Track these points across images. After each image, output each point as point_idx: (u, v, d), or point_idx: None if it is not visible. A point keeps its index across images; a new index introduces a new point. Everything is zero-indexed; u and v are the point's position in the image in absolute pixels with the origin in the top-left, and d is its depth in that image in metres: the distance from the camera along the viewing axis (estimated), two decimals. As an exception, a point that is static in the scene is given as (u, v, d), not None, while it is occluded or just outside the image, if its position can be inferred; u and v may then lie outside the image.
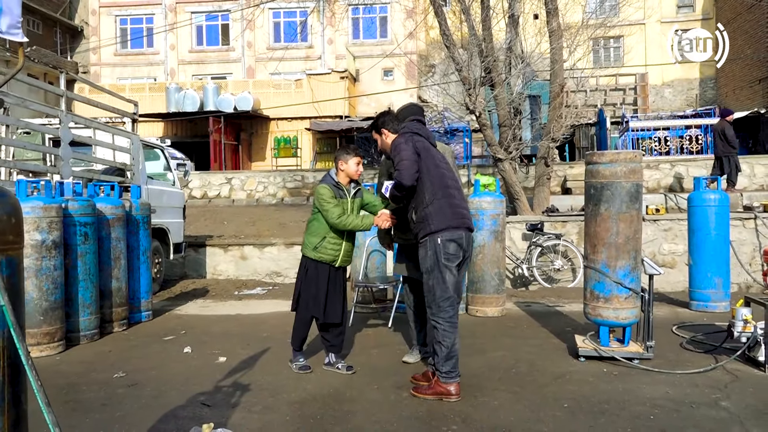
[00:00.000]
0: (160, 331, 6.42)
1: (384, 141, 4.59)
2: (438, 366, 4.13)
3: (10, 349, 1.64)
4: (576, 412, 3.82)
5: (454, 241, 4.14)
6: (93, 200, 6.16)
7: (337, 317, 4.75)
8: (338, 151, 4.83)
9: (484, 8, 10.30)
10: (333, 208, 4.58)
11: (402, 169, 4.10)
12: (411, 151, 4.16)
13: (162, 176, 9.86)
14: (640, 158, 4.97)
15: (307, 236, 4.78)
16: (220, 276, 10.87)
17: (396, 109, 4.92)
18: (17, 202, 1.71)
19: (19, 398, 1.70)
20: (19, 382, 1.71)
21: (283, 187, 17.72)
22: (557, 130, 10.52)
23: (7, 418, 1.62)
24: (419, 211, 4.19)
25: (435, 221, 4.12)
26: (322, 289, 4.67)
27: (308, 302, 4.70)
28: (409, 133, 4.34)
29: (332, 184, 4.68)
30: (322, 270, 4.71)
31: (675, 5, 27.58)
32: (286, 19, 29.46)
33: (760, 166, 14.56)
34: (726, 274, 7.18)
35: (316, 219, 4.74)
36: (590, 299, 4.98)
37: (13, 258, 1.63)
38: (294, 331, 4.83)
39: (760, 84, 22.83)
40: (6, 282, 1.56)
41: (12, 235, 1.64)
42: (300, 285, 4.76)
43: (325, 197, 4.60)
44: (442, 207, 4.15)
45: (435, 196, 4.16)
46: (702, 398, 4.04)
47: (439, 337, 4.11)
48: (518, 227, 9.98)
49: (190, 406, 4.04)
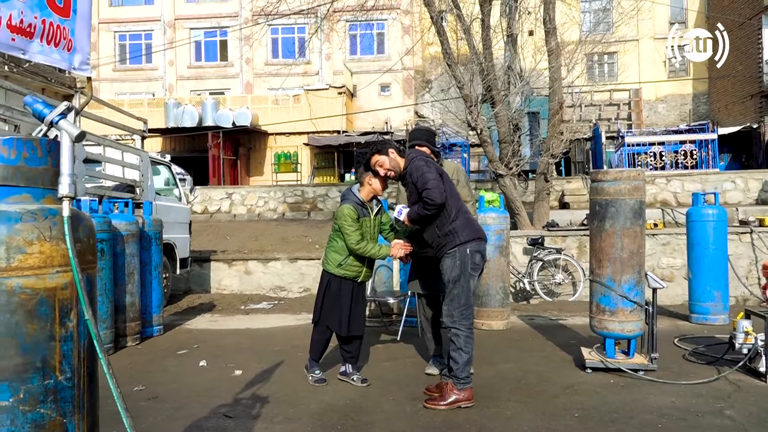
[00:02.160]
0: (173, 345, 6.54)
1: (393, 160, 4.61)
2: (457, 373, 4.28)
3: (87, 359, 1.79)
4: (587, 422, 3.97)
5: (479, 252, 4.42)
6: (108, 217, 6.30)
7: (361, 330, 4.90)
8: (362, 167, 4.86)
9: (484, 28, 10.54)
10: (354, 232, 4.65)
11: (432, 188, 4.24)
12: (435, 173, 4.36)
13: (168, 192, 10.01)
14: (643, 176, 5.16)
15: (331, 253, 4.85)
16: (225, 291, 10.99)
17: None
18: (93, 224, 1.87)
19: (94, 405, 1.84)
20: (94, 390, 1.86)
21: (283, 202, 17.87)
22: (557, 146, 10.74)
23: (86, 423, 1.77)
24: (445, 227, 4.37)
25: (463, 233, 4.34)
26: (346, 305, 4.80)
27: (332, 318, 4.83)
28: (423, 157, 4.55)
29: (356, 202, 4.75)
30: (345, 286, 4.83)
31: (668, 22, 28.00)
32: (284, 35, 29.77)
33: (754, 181, 14.83)
34: (725, 287, 7.36)
35: (338, 238, 4.79)
36: (596, 312, 5.14)
37: (90, 275, 1.78)
38: (314, 343, 4.97)
39: (751, 99, 23.19)
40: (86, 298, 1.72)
41: (90, 255, 1.80)
42: (322, 299, 4.87)
43: (349, 220, 4.67)
44: (467, 221, 4.42)
45: (459, 212, 4.40)
46: (707, 407, 4.20)
47: (461, 344, 4.29)
48: (519, 242, 10.15)
49: (212, 417, 4.16)
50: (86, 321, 1.70)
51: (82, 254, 1.73)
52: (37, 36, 1.79)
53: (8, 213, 1.63)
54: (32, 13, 1.78)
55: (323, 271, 4.95)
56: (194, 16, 30.82)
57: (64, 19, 1.87)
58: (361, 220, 4.74)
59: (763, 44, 22.50)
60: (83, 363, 1.76)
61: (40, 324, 1.65)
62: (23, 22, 1.75)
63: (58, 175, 1.73)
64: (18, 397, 1.61)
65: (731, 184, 14.91)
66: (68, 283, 1.69)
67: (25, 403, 1.62)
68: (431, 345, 5.21)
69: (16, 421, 1.61)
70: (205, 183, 23.45)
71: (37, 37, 1.79)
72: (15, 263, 1.61)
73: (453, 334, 4.34)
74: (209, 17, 30.60)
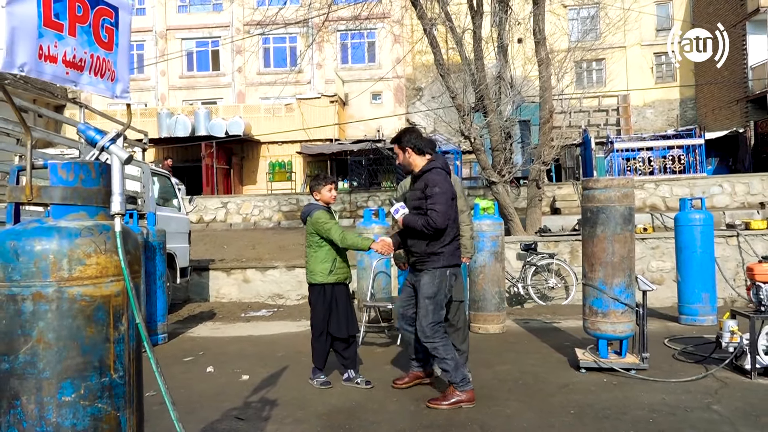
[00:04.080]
0: (179, 353, 6.71)
1: (406, 158, 4.73)
2: (453, 379, 4.49)
3: (135, 359, 1.99)
4: (582, 418, 4.19)
5: (455, 274, 4.71)
6: (115, 228, 6.46)
7: (356, 329, 5.24)
8: (312, 182, 5.31)
9: (476, 40, 10.80)
10: (334, 225, 4.99)
11: (439, 212, 4.40)
12: (449, 195, 4.52)
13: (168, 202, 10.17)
14: (633, 183, 5.40)
15: (317, 264, 5.08)
16: (224, 299, 11.14)
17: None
18: (137, 238, 2.07)
19: (141, 401, 2.04)
20: (141, 387, 2.06)
21: (278, 211, 18.07)
22: (548, 154, 10.99)
23: (135, 417, 1.97)
24: (435, 247, 4.54)
25: (447, 258, 4.57)
26: (343, 308, 5.09)
27: (333, 324, 5.06)
28: (444, 171, 4.67)
29: (322, 208, 5.14)
30: (338, 290, 5.12)
31: (654, 29, 28.47)
32: (275, 45, 29.97)
33: (740, 185, 15.15)
34: (712, 289, 7.61)
35: (319, 247, 5.08)
36: (589, 315, 5.37)
37: (138, 284, 1.98)
38: (316, 352, 5.18)
39: (737, 104, 23.63)
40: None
41: (136, 265, 2.00)
42: (323, 311, 5.07)
43: (324, 219, 5.01)
44: (454, 247, 4.66)
45: (452, 237, 4.61)
46: (695, 403, 4.43)
47: (441, 354, 4.50)
48: (512, 247, 10.37)
49: (225, 420, 4.35)
50: (137, 324, 1.90)
51: (131, 264, 1.93)
52: (87, 69, 1.98)
53: (69, 229, 1.83)
54: (83, 49, 1.97)
55: (312, 285, 5.14)
56: (186, 27, 30.97)
57: (108, 52, 2.06)
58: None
59: (748, 50, 22.97)
60: (132, 363, 1.96)
61: (98, 327, 1.84)
62: (75, 57, 1.94)
63: (110, 194, 1.93)
64: (79, 393, 1.80)
65: (718, 188, 15.23)
66: (120, 291, 1.89)
67: (85, 399, 1.81)
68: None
69: (77, 415, 1.80)
70: (198, 192, 23.59)
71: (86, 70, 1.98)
72: (76, 273, 1.81)
73: (431, 349, 4.54)
74: (201, 27, 30.79)
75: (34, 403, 1.77)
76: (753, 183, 15.14)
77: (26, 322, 1.78)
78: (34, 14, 1.82)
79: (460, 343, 4.98)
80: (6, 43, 1.74)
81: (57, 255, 1.79)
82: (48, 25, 1.87)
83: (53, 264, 1.78)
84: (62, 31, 1.92)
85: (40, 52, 1.85)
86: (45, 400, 1.77)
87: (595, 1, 21.24)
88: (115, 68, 2.11)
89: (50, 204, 1.87)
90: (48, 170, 1.87)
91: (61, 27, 1.91)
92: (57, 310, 1.79)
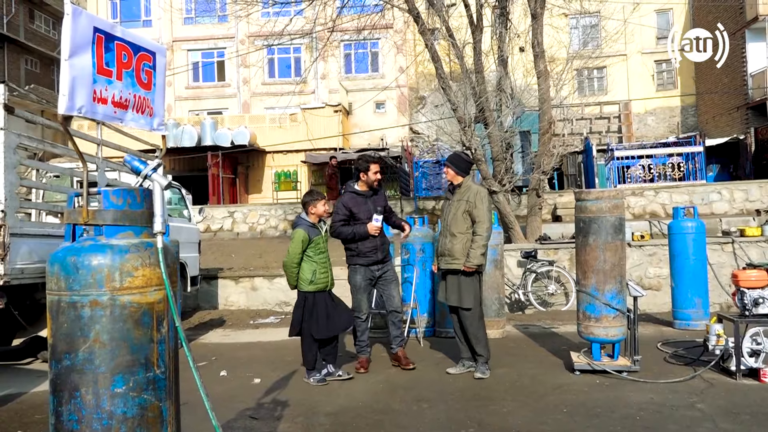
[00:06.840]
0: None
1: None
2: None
3: (174, 358, 2.31)
4: (574, 416, 4.48)
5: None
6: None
7: (337, 329, 5.73)
8: (305, 197, 5.90)
9: (476, 54, 11.14)
10: (296, 254, 5.61)
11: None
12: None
13: (178, 212, 10.51)
14: (622, 195, 5.71)
15: (301, 274, 5.72)
16: (233, 307, 11.45)
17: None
18: (174, 252, 2.39)
19: (178, 393, 2.36)
20: (178, 382, 2.37)
21: (284, 220, 18.38)
22: (548, 163, 11.31)
23: (174, 407, 2.28)
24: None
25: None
26: (322, 312, 5.67)
27: (312, 326, 5.61)
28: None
29: (308, 225, 5.73)
30: (318, 297, 5.70)
31: (655, 37, 28.79)
32: (280, 55, 30.40)
33: (739, 192, 15.43)
34: (705, 294, 7.89)
35: (304, 260, 5.71)
36: (583, 319, 5.66)
37: (175, 292, 2.30)
38: (306, 354, 5.73)
39: (738, 111, 23.90)
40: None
41: (174, 276, 2.32)
42: (301, 314, 5.67)
43: (297, 242, 5.63)
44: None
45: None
46: (681, 402, 4.72)
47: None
48: (513, 255, 10.67)
49: (240, 419, 4.66)
50: (177, 327, 2.22)
51: (170, 276, 2.25)
52: (130, 108, 2.29)
53: (120, 246, 2.16)
54: (127, 90, 2.28)
55: (298, 291, 5.78)
56: (192, 38, 31.44)
57: (147, 92, 2.38)
58: (314, 240, 5.70)
59: (747, 58, 23.27)
60: (172, 360, 2.28)
61: (144, 330, 2.17)
62: (122, 98, 2.27)
63: (152, 216, 2.25)
64: (129, 386, 2.13)
65: (717, 195, 15.51)
66: (162, 298, 2.22)
67: (133, 390, 2.13)
68: (463, 347, 5.91)
69: (127, 404, 2.13)
70: (204, 202, 23.92)
71: (130, 109, 2.29)
72: (126, 284, 2.13)
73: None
74: (206, 39, 31.25)
75: (92, 394, 2.09)
76: (751, 190, 15.41)
77: (85, 325, 2.10)
78: (89, 63, 2.15)
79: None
80: (67, 90, 2.07)
81: (110, 268, 2.11)
82: (100, 72, 2.19)
83: (107, 276, 2.11)
84: (111, 77, 2.24)
85: (94, 95, 2.17)
86: (101, 391, 2.10)
87: (595, 11, 21.57)
88: (153, 105, 2.43)
89: (103, 225, 2.19)
90: (101, 196, 2.19)
91: (111, 73, 2.24)
92: (110, 315, 2.11)
